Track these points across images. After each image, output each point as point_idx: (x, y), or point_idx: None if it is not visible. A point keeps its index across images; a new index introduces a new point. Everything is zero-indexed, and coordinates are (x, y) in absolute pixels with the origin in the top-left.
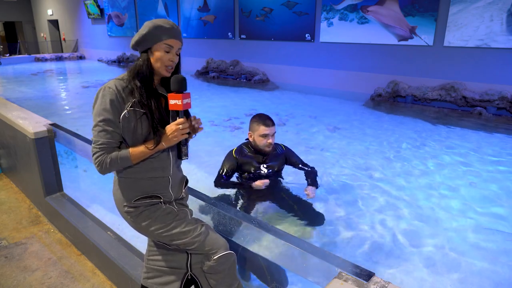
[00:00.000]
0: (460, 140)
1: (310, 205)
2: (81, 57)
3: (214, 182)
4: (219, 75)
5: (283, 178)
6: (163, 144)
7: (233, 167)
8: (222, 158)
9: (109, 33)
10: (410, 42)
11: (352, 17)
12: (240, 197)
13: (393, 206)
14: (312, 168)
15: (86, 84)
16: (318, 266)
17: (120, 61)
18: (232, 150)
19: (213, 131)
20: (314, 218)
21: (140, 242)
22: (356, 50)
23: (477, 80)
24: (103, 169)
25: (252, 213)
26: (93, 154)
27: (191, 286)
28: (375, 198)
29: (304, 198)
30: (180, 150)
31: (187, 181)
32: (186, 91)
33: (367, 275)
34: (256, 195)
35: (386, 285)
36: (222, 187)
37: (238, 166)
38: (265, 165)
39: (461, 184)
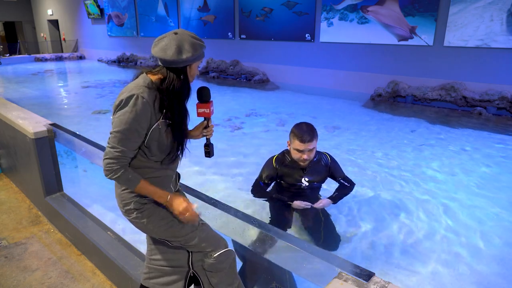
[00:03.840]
0: (460, 140)
1: (334, 229)
2: (81, 57)
3: (251, 190)
4: (219, 75)
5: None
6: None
7: (272, 176)
8: (221, 158)
9: (109, 33)
10: (410, 42)
11: (352, 17)
12: (273, 204)
13: (393, 206)
14: (351, 184)
15: (86, 84)
16: (318, 266)
17: (120, 61)
18: (273, 157)
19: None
20: (330, 243)
21: (140, 242)
22: (356, 50)
23: (477, 80)
24: (111, 176)
25: (282, 225)
26: (107, 158)
27: (193, 284)
28: (375, 198)
29: (332, 220)
30: (210, 149)
31: (179, 176)
32: (210, 100)
33: (367, 275)
34: (290, 208)
35: (386, 285)
36: (259, 197)
37: (278, 176)
38: (306, 178)
39: (462, 185)
